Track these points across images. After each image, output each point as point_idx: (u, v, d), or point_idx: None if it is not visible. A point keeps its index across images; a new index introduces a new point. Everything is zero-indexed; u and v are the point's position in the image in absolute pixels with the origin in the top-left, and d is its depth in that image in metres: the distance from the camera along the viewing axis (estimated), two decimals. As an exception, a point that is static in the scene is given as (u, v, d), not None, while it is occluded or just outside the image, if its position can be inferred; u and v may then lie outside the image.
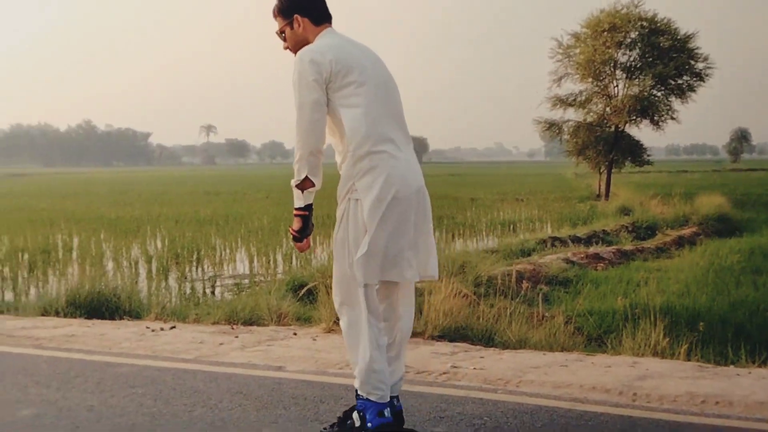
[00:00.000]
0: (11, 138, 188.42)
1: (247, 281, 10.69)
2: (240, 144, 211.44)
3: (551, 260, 11.48)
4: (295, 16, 3.44)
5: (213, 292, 10.15)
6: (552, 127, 27.19)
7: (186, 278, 11.19)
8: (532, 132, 35.60)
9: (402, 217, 3.35)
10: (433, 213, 3.71)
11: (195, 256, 12.65)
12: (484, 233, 16.63)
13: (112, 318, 7.14)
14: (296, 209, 3.41)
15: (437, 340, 5.84)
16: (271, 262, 12.38)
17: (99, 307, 7.41)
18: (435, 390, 4.35)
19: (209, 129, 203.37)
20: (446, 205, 22.24)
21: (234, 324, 6.49)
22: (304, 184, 3.35)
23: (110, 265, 11.91)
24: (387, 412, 3.37)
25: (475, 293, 7.59)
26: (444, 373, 4.74)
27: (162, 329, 6.24)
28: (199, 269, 12.10)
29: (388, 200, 3.30)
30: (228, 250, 13.53)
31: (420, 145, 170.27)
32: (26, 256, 12.22)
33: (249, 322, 6.60)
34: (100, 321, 6.78)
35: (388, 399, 3.39)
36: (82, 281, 8.03)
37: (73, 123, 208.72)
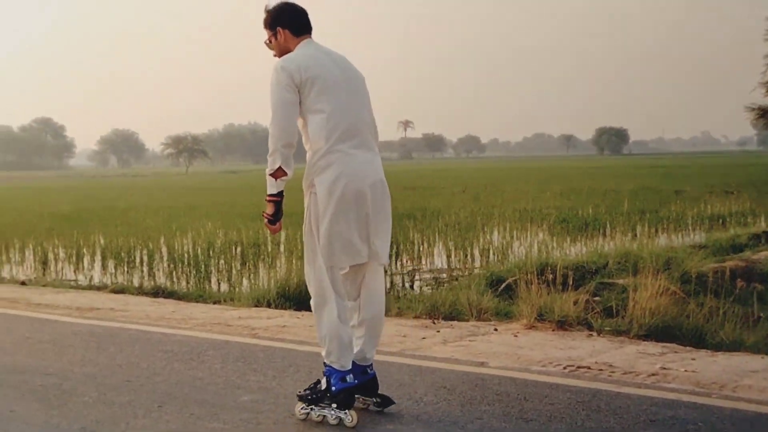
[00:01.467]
0: (225, 137, 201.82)
1: (444, 275, 10.78)
2: (436, 138, 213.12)
3: (766, 257, 10.69)
4: (278, 28, 3.93)
5: (412, 286, 10.33)
6: (766, 114, 25.28)
7: (386, 272, 11.46)
8: (743, 120, 33.19)
9: (351, 207, 3.77)
10: (636, 206, 3.58)
11: (394, 250, 12.93)
12: (690, 228, 15.77)
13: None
14: (269, 195, 3.84)
15: (643, 340, 5.61)
16: (468, 257, 12.41)
17: (306, 299, 7.75)
18: (644, 392, 4.19)
19: (407, 124, 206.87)
20: (648, 198, 21.29)
21: (435, 318, 6.57)
22: (277, 174, 3.77)
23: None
24: (349, 378, 3.80)
25: (683, 291, 7.21)
26: (653, 374, 4.55)
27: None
28: (398, 263, 12.36)
29: (338, 194, 3.73)
30: (425, 245, 13.70)
31: (618, 137, 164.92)
32: (239, 249, 12.98)
33: (449, 317, 6.66)
34: (308, 313, 7.08)
35: (350, 366, 3.81)
36: (290, 274, 8.42)
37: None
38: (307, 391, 3.91)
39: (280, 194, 3.83)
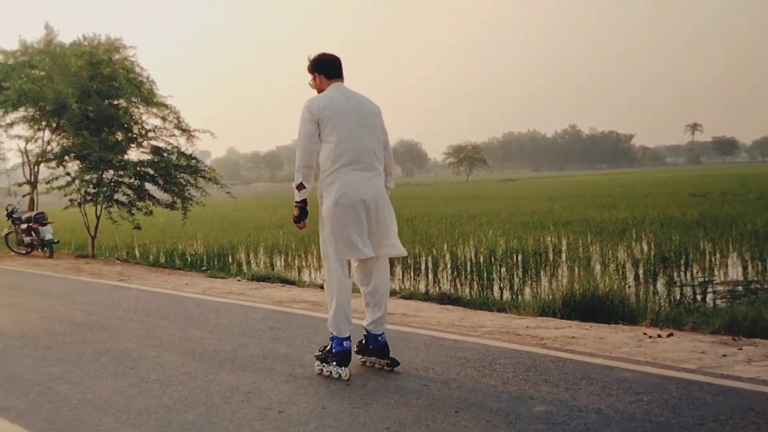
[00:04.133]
0: (504, 145, 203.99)
1: (740, 288, 10.03)
2: (728, 142, 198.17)
3: None
4: (315, 73, 5.19)
5: (704, 299, 9.73)
6: None
7: (675, 283, 10.91)
8: None
9: (350, 214, 4.94)
10: None
11: (683, 261, 12.27)
12: None
13: (606, 321, 7.27)
14: (296, 202, 5.04)
15: None
16: (768, 269, 11.44)
17: (593, 309, 7.61)
18: None
19: (694, 127, 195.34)
20: None
21: (735, 335, 6.14)
22: (299, 187, 4.98)
23: (597, 268, 12.15)
24: (346, 343, 4.97)
25: None
26: None
27: (659, 336, 6.18)
28: (688, 274, 11.71)
29: (339, 204, 4.94)
30: (718, 255, 12.84)
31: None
32: (520, 257, 13.04)
33: (751, 334, 6.20)
34: (596, 324, 6.95)
35: (347, 335, 4.97)
36: (574, 283, 8.30)
37: (560, 128, 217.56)
38: (320, 353, 5.16)
39: (303, 201, 5.04)
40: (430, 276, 12.48)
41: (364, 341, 5.25)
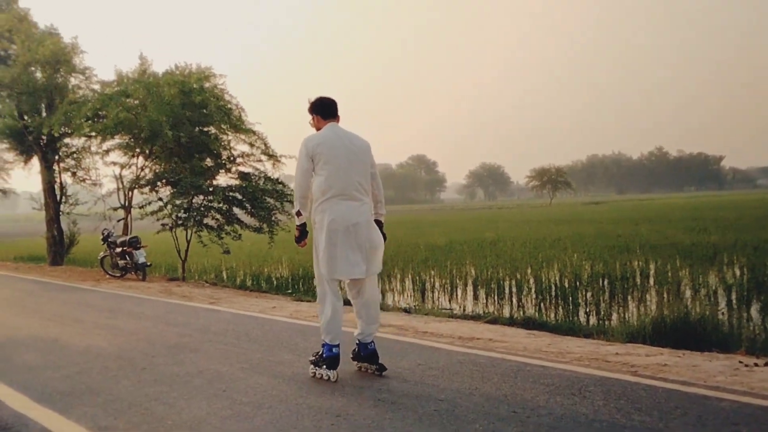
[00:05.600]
0: (588, 167, 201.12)
1: None
2: None
3: None
4: (313, 114, 5.96)
5: None
6: None
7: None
8: None
9: (338, 238, 5.65)
10: None
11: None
12: None
13: (698, 348, 7.08)
14: (297, 226, 5.88)
15: None
16: None
17: (684, 336, 7.42)
18: None
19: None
20: None
21: None
22: (298, 214, 5.77)
23: (687, 293, 11.82)
24: (335, 350, 5.71)
25: None
26: None
27: (755, 364, 5.98)
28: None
29: (327, 229, 5.66)
30: None
31: None
32: (606, 281, 12.80)
33: None
34: (689, 352, 6.78)
35: (338, 342, 5.72)
36: (663, 309, 8.11)
37: (645, 151, 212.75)
38: (314, 357, 5.90)
39: (303, 225, 5.85)
40: (514, 300, 12.37)
41: (356, 349, 6.00)
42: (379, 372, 5.81)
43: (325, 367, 5.71)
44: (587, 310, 11.27)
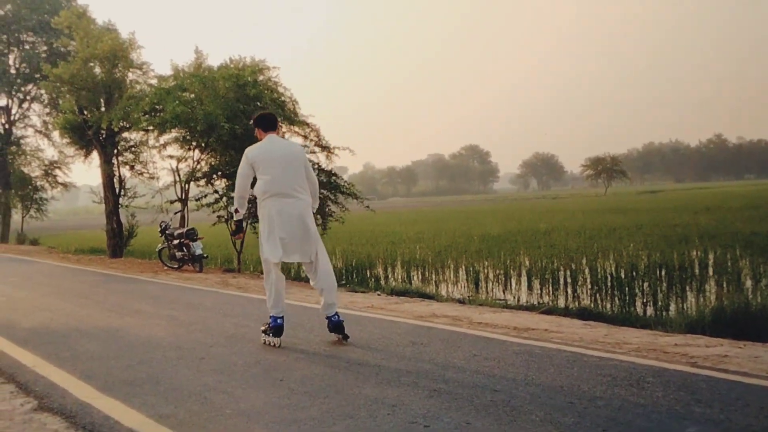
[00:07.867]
0: (645, 156, 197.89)
1: None
2: None
3: None
4: (256, 128, 7.19)
5: None
6: None
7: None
8: None
9: (276, 228, 6.81)
10: None
11: None
12: None
13: (760, 339, 6.94)
14: (234, 221, 7.75)
15: None
16: None
17: (745, 326, 7.27)
18: None
19: None
20: None
21: None
22: (236, 211, 7.17)
23: (748, 283, 11.57)
24: (279, 320, 6.88)
25: None
26: None
27: (820, 356, 5.83)
28: None
29: (267, 221, 6.88)
30: None
31: None
32: (663, 271, 12.59)
33: None
34: (750, 342, 6.64)
35: (282, 315, 6.90)
36: (723, 299, 7.96)
37: (704, 138, 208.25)
38: (264, 327, 7.05)
39: (239, 221, 7.42)
40: (569, 291, 12.25)
41: (327, 323, 6.99)
42: (345, 340, 6.90)
43: (271, 335, 6.90)
44: (644, 300, 11.10)
